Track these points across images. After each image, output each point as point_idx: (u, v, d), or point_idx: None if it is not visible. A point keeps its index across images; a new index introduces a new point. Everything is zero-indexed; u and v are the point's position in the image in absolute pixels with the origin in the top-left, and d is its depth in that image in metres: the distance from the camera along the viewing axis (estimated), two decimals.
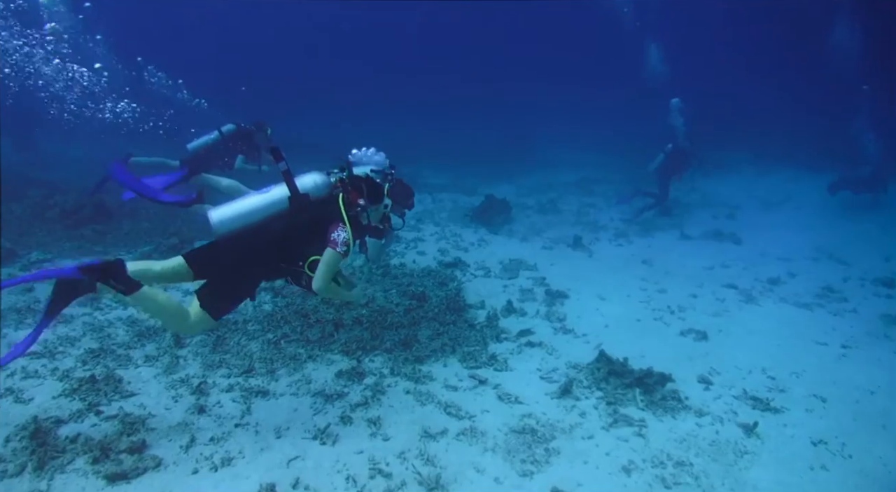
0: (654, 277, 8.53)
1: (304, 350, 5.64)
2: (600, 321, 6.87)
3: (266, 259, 4.06)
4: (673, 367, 5.61)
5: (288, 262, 4.09)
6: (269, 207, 4.04)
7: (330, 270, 3.99)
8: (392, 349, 5.75)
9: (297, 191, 4.07)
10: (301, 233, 4.06)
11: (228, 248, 4.00)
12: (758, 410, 5.01)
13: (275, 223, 4.03)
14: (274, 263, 4.11)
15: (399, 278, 7.66)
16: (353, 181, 4.31)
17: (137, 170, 8.56)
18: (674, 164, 12.06)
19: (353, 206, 4.21)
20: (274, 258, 4.09)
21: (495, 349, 6.00)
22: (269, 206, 4.04)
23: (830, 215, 12.94)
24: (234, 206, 4.01)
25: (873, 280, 8.87)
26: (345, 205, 4.09)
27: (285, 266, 4.12)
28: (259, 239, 4.00)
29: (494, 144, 20.56)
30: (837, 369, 5.94)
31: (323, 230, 4.03)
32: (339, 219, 4.03)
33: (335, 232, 3.99)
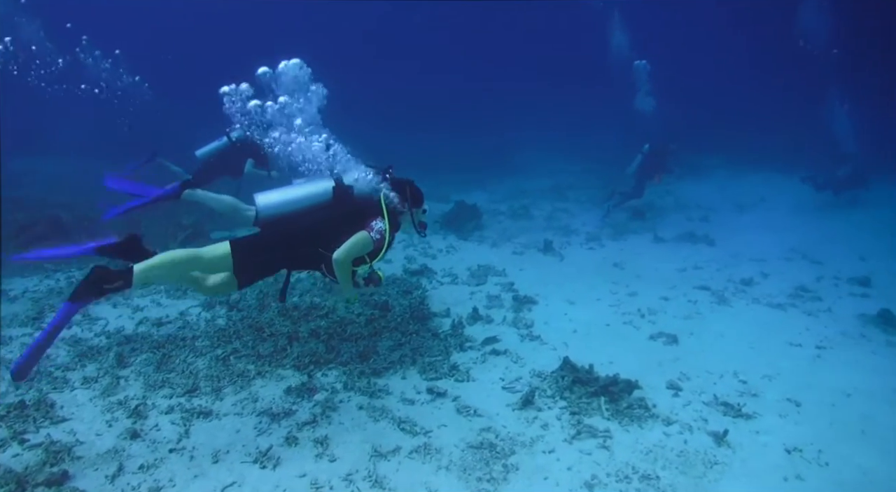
0: (626, 281, 8.25)
1: (253, 366, 5.28)
2: (568, 327, 6.56)
3: (305, 244, 4.12)
4: (641, 373, 5.31)
5: (325, 248, 4.11)
6: (313, 197, 4.14)
7: (355, 247, 4.05)
8: (348, 362, 5.41)
9: (342, 183, 4.21)
10: (341, 224, 4.12)
11: (271, 234, 4.11)
12: (729, 416, 4.71)
13: (317, 213, 4.12)
14: (312, 250, 4.14)
15: (362, 287, 7.30)
16: (396, 183, 4.47)
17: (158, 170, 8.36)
18: (651, 164, 11.84)
19: (395, 206, 4.38)
20: (312, 245, 4.13)
21: (458, 359, 5.68)
22: (314, 196, 4.14)
23: (804, 216, 12.75)
24: (279, 192, 4.12)
25: (848, 279, 8.64)
26: (385, 202, 4.24)
27: (322, 252, 4.13)
28: (300, 227, 4.09)
29: (470, 153, 20.25)
30: (812, 371, 5.67)
31: (361, 222, 4.15)
32: (379, 214, 4.17)
33: (373, 221, 4.14)
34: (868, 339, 6.56)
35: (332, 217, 4.15)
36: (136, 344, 5.63)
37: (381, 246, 4.18)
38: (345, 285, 4.29)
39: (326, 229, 4.11)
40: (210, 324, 6.19)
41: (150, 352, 5.48)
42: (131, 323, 6.20)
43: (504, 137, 23.04)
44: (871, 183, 13.38)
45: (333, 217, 4.15)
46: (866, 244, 10.59)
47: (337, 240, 4.07)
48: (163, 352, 5.45)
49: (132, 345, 5.61)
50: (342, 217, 4.16)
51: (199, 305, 6.70)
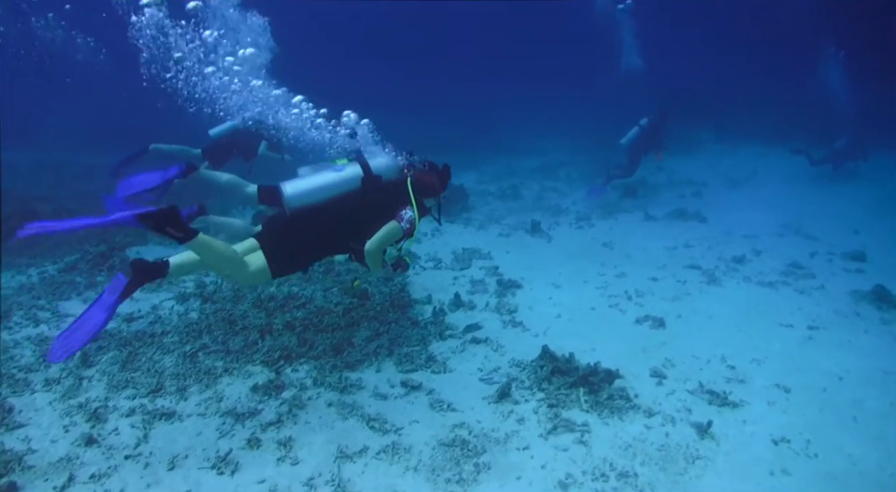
0: (614, 261, 7.98)
1: (221, 362, 5.04)
2: (553, 312, 6.31)
3: (335, 236, 4.08)
4: (625, 360, 5.09)
5: (355, 240, 4.08)
6: (341, 184, 4.07)
7: (387, 237, 4.04)
8: (321, 356, 5.16)
9: (371, 171, 4.15)
10: (370, 213, 4.08)
11: (300, 224, 3.99)
12: (714, 405, 4.46)
13: (346, 202, 4.06)
14: (342, 241, 4.11)
15: (342, 276, 7.05)
16: (424, 166, 4.46)
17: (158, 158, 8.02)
18: (647, 139, 11.45)
19: (422, 190, 4.32)
20: (343, 236, 4.09)
21: (437, 349, 5.45)
22: (342, 184, 4.07)
23: (797, 189, 12.46)
24: (308, 180, 4.02)
25: (842, 255, 8.38)
26: (413, 188, 4.16)
27: (352, 245, 4.11)
28: (330, 217, 4.01)
29: (462, 133, 19.80)
30: (803, 353, 5.42)
31: (390, 212, 4.10)
32: (407, 202, 4.12)
33: (403, 210, 4.10)
34: (862, 317, 6.31)
35: (361, 208, 4.09)
36: (103, 341, 5.39)
37: (411, 233, 4.17)
38: (374, 269, 4.29)
39: (357, 220, 4.07)
40: (182, 318, 5.95)
41: (118, 350, 5.24)
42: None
43: (496, 116, 22.60)
44: (869, 153, 13.09)
45: (363, 207, 4.09)
46: (861, 218, 10.34)
47: (368, 231, 4.04)
48: (129, 350, 5.22)
49: (100, 343, 5.37)
50: (372, 207, 4.11)
51: (173, 298, 6.45)
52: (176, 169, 4.93)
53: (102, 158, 15.52)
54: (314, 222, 4.01)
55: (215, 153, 7.92)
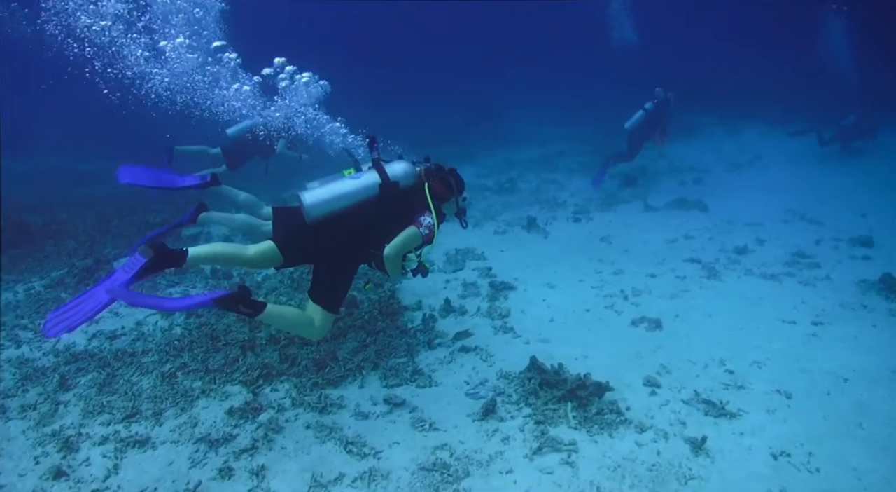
0: (612, 257, 7.70)
1: (200, 383, 4.85)
2: (545, 315, 6.06)
3: (357, 246, 4.05)
4: (618, 367, 4.84)
5: (375, 247, 4.03)
6: (359, 192, 4.00)
7: (406, 242, 3.98)
8: (302, 373, 4.95)
9: (388, 178, 4.08)
10: (389, 220, 4.04)
11: (320, 236, 3.94)
12: (710, 416, 4.20)
13: (365, 210, 4.01)
14: (362, 248, 4.07)
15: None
16: (439, 172, 4.39)
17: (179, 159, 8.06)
18: (651, 124, 11.05)
19: (439, 195, 4.26)
20: (364, 245, 4.05)
21: (424, 360, 5.22)
22: (360, 191, 4.01)
23: (802, 171, 12.07)
24: (326, 189, 3.94)
25: (849, 240, 8.04)
26: (430, 194, 4.11)
27: (373, 251, 4.06)
28: (349, 226, 3.97)
29: (461, 126, 19.45)
30: (806, 353, 5.13)
31: (409, 218, 4.05)
32: (425, 208, 4.07)
33: (422, 217, 4.04)
34: (869, 309, 6.01)
35: (380, 214, 4.04)
36: (83, 362, 5.23)
37: (430, 240, 4.11)
38: (393, 274, 4.21)
39: (376, 227, 4.02)
40: (166, 334, 5.78)
41: (97, 371, 5.08)
42: (84, 338, 5.80)
43: (497, 105, 22.23)
44: (879, 130, 12.70)
45: (382, 214, 4.05)
46: (869, 198, 9.97)
47: (387, 237, 3.98)
48: (108, 371, 5.04)
49: (79, 364, 5.21)
50: (390, 213, 4.07)
51: (158, 313, 6.27)
52: (197, 179, 4.74)
53: (98, 164, 15.49)
54: (333, 231, 3.95)
55: (234, 153, 7.93)
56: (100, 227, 9.32)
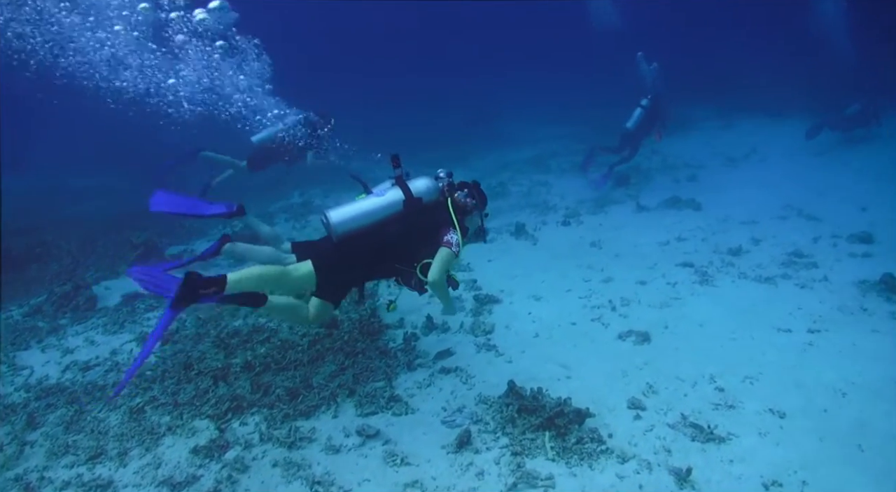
0: (602, 263, 7.40)
1: (168, 418, 4.61)
2: (530, 330, 5.78)
3: (382, 262, 4.10)
4: (601, 388, 4.57)
5: (402, 263, 4.10)
6: (384, 209, 4.05)
7: (445, 265, 4.00)
8: (274, 403, 4.70)
9: (412, 194, 4.11)
10: (415, 236, 4.07)
11: (346, 251, 4.01)
12: (698, 441, 3.91)
13: (390, 226, 4.04)
14: (389, 264, 4.13)
15: None
16: (462, 187, 4.41)
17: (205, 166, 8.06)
18: (650, 120, 10.79)
19: (462, 209, 4.27)
20: (390, 260, 4.11)
21: (403, 383, 4.97)
22: (385, 208, 4.05)
23: (800, 164, 11.71)
24: (352, 206, 4.02)
25: (848, 237, 7.71)
26: (454, 209, 4.14)
27: (399, 266, 4.12)
28: (375, 243, 4.01)
29: (454, 127, 19.08)
30: (802, 365, 4.83)
31: (434, 233, 4.07)
32: (449, 223, 4.10)
33: (448, 235, 4.05)
34: (869, 313, 5.70)
35: (405, 230, 4.08)
36: (54, 398, 5.02)
37: (457, 255, 4.12)
38: (446, 302, 4.35)
39: (402, 243, 4.07)
40: None
41: (66, 407, 4.86)
42: (57, 369, 5.61)
43: (492, 105, 21.89)
44: (883, 118, 12.39)
45: (407, 230, 4.09)
46: (869, 191, 9.62)
47: (413, 253, 4.07)
48: (76, 407, 4.82)
49: (49, 399, 5.00)
50: (415, 228, 4.10)
51: (134, 340, 6.06)
52: (224, 208, 4.64)
53: (93, 179, 15.31)
54: (360, 247, 4.00)
55: (259, 160, 7.96)
56: (84, 248, 9.11)
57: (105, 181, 14.94)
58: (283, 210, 11.06)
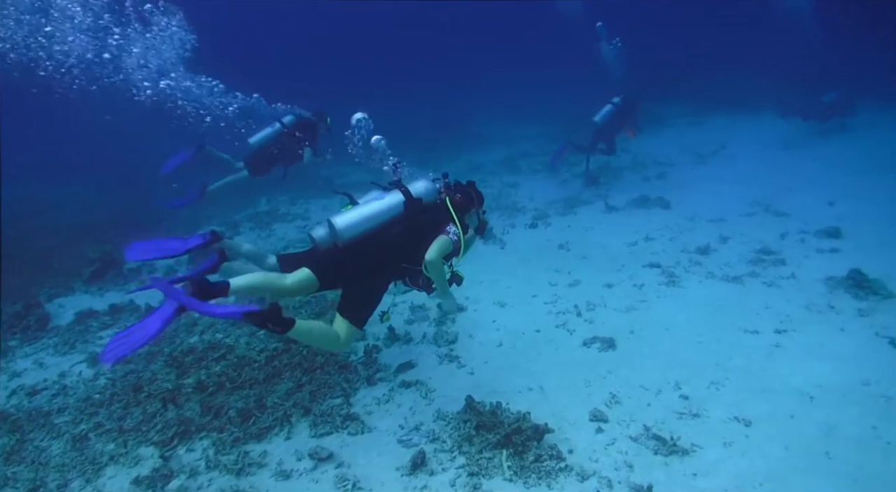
0: (569, 266, 7.22)
1: (113, 445, 4.37)
2: (494, 339, 5.59)
3: (390, 262, 4.07)
4: (563, 399, 4.39)
5: (409, 263, 4.09)
6: (387, 211, 4.08)
7: (442, 248, 4.01)
8: (224, 426, 4.47)
9: (412, 196, 4.16)
10: (419, 234, 4.07)
11: (354, 256, 3.98)
12: (660, 454, 3.74)
13: (393, 228, 4.08)
14: (397, 265, 4.10)
15: None
16: (458, 187, 4.52)
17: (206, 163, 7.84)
18: (620, 118, 10.65)
19: (461, 208, 4.31)
20: (397, 260, 4.08)
21: (361, 399, 4.76)
22: (387, 211, 4.08)
23: (769, 159, 11.64)
24: (355, 212, 4.03)
25: (816, 232, 7.61)
26: (453, 207, 4.19)
27: (407, 266, 4.11)
28: (380, 244, 4.02)
29: (426, 128, 18.82)
30: (768, 368, 4.69)
31: (436, 232, 4.09)
32: (450, 221, 4.14)
33: (448, 227, 4.11)
34: (836, 311, 5.58)
35: (408, 231, 4.11)
36: None
37: (458, 248, 4.18)
38: (441, 285, 4.25)
39: (407, 243, 4.07)
40: (89, 385, 5.30)
41: (8, 436, 4.58)
42: (4, 394, 5.31)
43: (466, 107, 21.69)
44: (858, 108, 12.50)
45: (410, 231, 4.11)
46: (837, 185, 9.55)
47: (419, 252, 4.03)
48: (18, 436, 4.55)
49: None
50: (419, 228, 4.12)
51: (85, 361, 5.78)
52: (200, 239, 4.46)
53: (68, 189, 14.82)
54: (366, 251, 4.00)
55: (258, 162, 7.80)
56: (40, 265, 8.77)
57: (77, 190, 14.50)
58: (249, 218, 10.78)
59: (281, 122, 7.75)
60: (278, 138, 7.74)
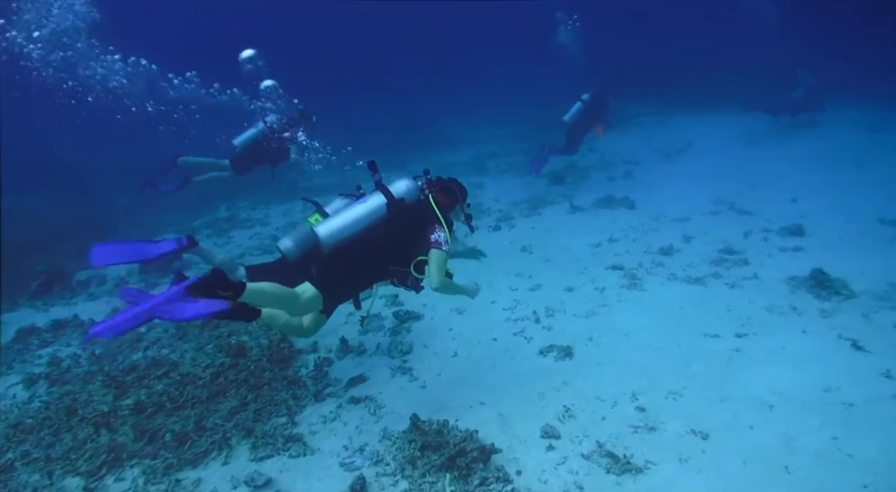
0: (531, 269, 7.00)
1: (37, 476, 4.04)
2: (449, 349, 5.35)
3: (376, 265, 4.01)
4: (515, 414, 4.16)
5: (395, 264, 4.04)
6: (370, 215, 3.97)
7: (441, 267, 3.97)
8: (159, 452, 4.17)
9: (394, 197, 4.05)
10: (403, 236, 4.03)
11: (340, 262, 3.88)
12: (613, 474, 3.51)
13: (377, 231, 3.97)
14: (383, 268, 4.05)
15: (220, 327, 6.05)
16: (440, 183, 4.37)
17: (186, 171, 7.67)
18: (589, 116, 10.43)
19: (444, 205, 4.23)
20: (383, 263, 4.03)
21: (307, 417, 4.50)
22: (370, 214, 3.97)
23: (733, 157, 11.54)
24: (338, 218, 3.91)
25: (779, 230, 7.49)
26: (437, 205, 4.10)
27: (393, 268, 4.06)
28: (366, 248, 3.93)
29: (398, 130, 18.52)
30: (728, 374, 4.49)
31: (422, 231, 4.03)
32: (434, 220, 4.05)
33: (435, 233, 4.00)
34: (798, 312, 5.42)
35: (393, 232, 4.01)
36: None
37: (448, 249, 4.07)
38: (459, 291, 4.27)
39: (392, 245, 4.01)
40: (23, 409, 4.96)
41: None
42: None
43: (435, 109, 21.42)
44: (826, 104, 12.60)
45: (395, 231, 4.02)
46: (800, 182, 9.46)
47: (405, 253, 4.03)
48: None
49: None
50: (403, 229, 4.05)
51: (21, 382, 5.44)
52: (174, 244, 4.23)
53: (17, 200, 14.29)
54: (351, 256, 3.90)
55: (244, 162, 7.63)
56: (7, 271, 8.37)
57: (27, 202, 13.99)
58: (208, 225, 10.42)
59: (265, 121, 7.58)
60: (263, 139, 7.58)
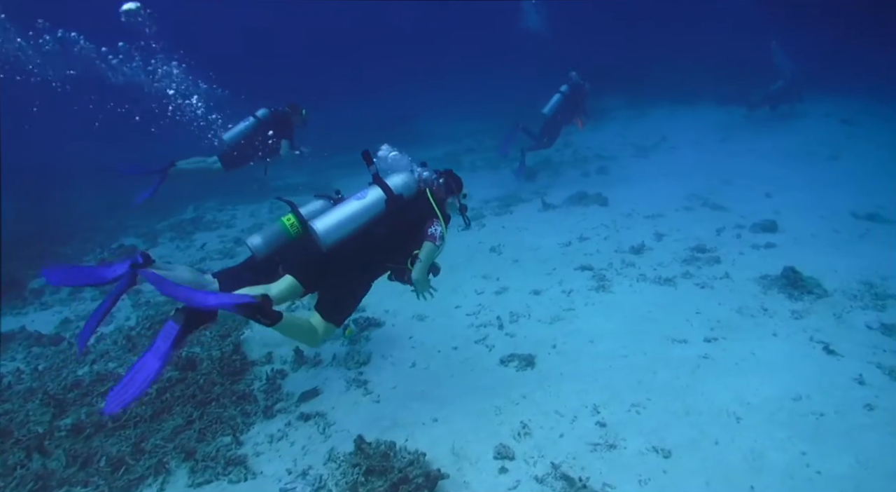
0: (498, 271, 6.73)
1: None
2: (408, 359, 5.07)
3: (375, 263, 3.99)
4: (469, 433, 3.90)
5: (394, 261, 4.02)
6: (368, 210, 3.90)
7: (429, 262, 4.01)
8: (91, 478, 3.87)
9: (392, 192, 3.98)
10: (401, 231, 3.97)
11: (337, 259, 3.78)
12: None
13: (376, 227, 3.90)
14: (381, 264, 4.03)
15: None
16: (437, 175, 4.33)
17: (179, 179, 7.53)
18: (569, 107, 10.20)
19: (441, 198, 4.22)
20: (381, 260, 4.01)
21: (254, 437, 4.21)
22: (368, 210, 3.90)
23: (708, 151, 11.34)
24: (335, 214, 3.81)
25: (751, 226, 7.28)
26: (433, 199, 4.05)
27: (391, 265, 4.04)
28: (365, 245, 3.85)
29: (374, 129, 18.18)
30: (694, 384, 4.24)
31: (420, 226, 4.00)
32: (432, 214, 4.02)
33: (431, 227, 3.98)
34: (769, 314, 5.20)
35: (391, 228, 3.93)
36: None
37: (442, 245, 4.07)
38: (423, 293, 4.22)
39: (391, 241, 3.94)
40: None
41: None
42: None
43: (414, 106, 21.08)
44: (804, 97, 12.51)
45: (393, 228, 3.94)
46: (774, 176, 9.28)
47: (404, 249, 4.00)
48: None
49: None
50: (402, 225, 3.98)
51: None
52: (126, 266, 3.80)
53: None
54: (350, 252, 3.81)
55: (235, 159, 7.45)
56: None
57: None
58: (171, 228, 10.05)
59: (255, 115, 7.42)
60: (253, 133, 7.42)
